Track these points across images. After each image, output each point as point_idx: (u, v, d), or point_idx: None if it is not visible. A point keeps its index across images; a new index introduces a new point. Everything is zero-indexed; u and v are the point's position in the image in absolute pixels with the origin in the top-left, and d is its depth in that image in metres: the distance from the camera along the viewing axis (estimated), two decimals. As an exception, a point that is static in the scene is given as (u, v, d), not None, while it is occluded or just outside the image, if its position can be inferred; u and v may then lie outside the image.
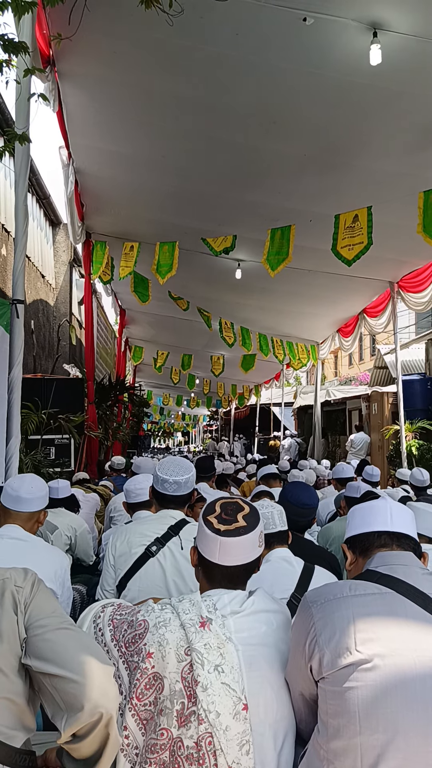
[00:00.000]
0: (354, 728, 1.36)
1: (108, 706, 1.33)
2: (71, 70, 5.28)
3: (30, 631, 1.36)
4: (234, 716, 1.46)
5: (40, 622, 1.37)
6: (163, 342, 16.04)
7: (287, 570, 2.26)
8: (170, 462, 2.69)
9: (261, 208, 7.05)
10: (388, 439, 11.28)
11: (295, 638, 1.53)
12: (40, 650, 1.34)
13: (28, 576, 1.44)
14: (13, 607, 1.37)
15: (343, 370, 29.92)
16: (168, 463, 2.68)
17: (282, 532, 2.37)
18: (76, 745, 1.35)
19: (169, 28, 3.79)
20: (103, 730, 1.33)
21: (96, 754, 1.37)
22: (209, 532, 1.64)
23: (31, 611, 1.38)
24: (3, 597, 1.38)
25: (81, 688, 1.30)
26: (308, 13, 4.13)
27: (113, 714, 1.34)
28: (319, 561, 2.55)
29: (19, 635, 1.36)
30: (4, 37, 3.67)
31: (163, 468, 2.65)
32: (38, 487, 2.56)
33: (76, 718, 1.30)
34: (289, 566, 2.28)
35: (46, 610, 1.40)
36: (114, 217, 8.48)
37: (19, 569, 1.46)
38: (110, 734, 1.35)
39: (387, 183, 6.11)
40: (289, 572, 2.26)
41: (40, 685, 1.36)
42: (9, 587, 1.39)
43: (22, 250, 4.35)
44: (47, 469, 6.20)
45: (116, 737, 1.37)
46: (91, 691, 1.31)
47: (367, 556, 1.62)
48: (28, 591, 1.41)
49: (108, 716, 1.33)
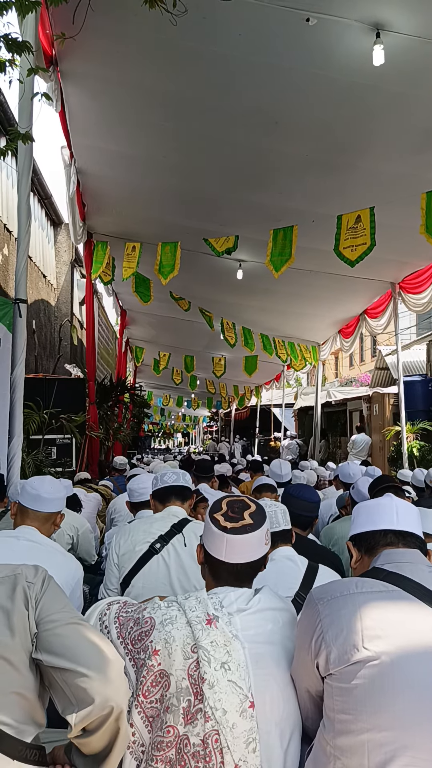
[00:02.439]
0: (361, 725, 1.36)
1: (119, 700, 1.34)
2: (74, 69, 5.28)
3: (41, 626, 1.37)
4: (240, 714, 1.46)
5: (51, 617, 1.38)
6: (164, 343, 16.04)
7: (291, 569, 2.26)
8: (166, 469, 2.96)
9: (263, 208, 7.05)
10: (389, 440, 11.29)
11: (301, 635, 1.54)
12: (51, 645, 1.35)
13: (38, 572, 1.46)
14: (24, 603, 1.38)
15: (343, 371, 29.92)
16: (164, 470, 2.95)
17: (286, 530, 2.37)
18: (86, 740, 1.35)
19: (171, 28, 3.79)
20: (114, 724, 1.34)
21: (106, 749, 1.37)
22: (216, 529, 1.64)
23: (41, 607, 1.39)
24: (14, 592, 1.39)
25: (92, 682, 1.31)
26: (311, 14, 4.13)
27: (124, 708, 1.35)
28: (322, 560, 2.55)
29: (30, 630, 1.36)
30: (7, 36, 3.68)
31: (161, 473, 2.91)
32: (57, 488, 2.56)
33: (87, 712, 1.31)
34: (293, 565, 2.28)
35: (57, 606, 1.41)
36: (115, 217, 8.48)
37: (30, 566, 1.47)
38: (120, 728, 1.36)
39: (389, 184, 6.11)
40: (293, 571, 2.26)
41: (50, 679, 1.37)
42: (21, 582, 1.41)
43: (24, 250, 4.35)
44: (49, 468, 6.20)
45: (126, 732, 1.38)
46: (102, 685, 1.32)
47: (373, 554, 1.62)
48: (39, 587, 1.42)
49: (119, 710, 1.33)
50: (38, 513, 2.48)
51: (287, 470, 5.66)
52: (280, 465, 5.72)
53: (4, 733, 1.31)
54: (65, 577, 2.42)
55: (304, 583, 2.18)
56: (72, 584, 2.47)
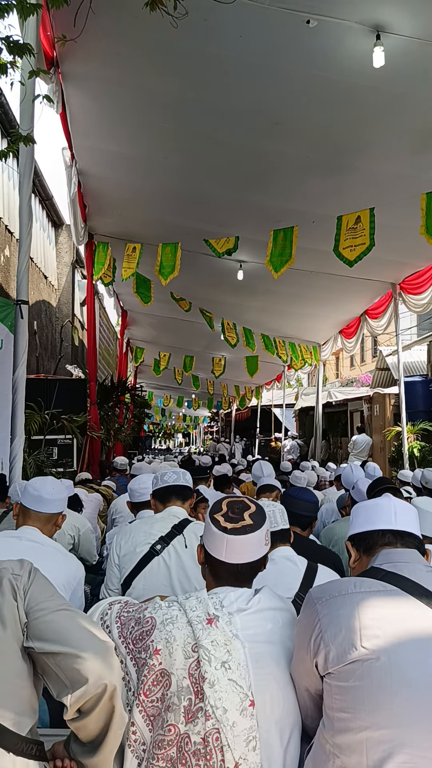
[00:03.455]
0: (360, 723, 1.37)
1: (111, 678, 1.36)
2: (75, 71, 5.30)
3: (30, 615, 1.40)
4: (241, 712, 1.48)
5: (40, 605, 1.41)
6: (165, 343, 16.06)
7: (291, 569, 2.28)
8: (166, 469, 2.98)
9: (263, 209, 7.07)
10: (390, 440, 11.29)
11: (300, 634, 1.55)
12: (42, 632, 1.38)
13: (24, 565, 1.48)
14: (12, 594, 1.41)
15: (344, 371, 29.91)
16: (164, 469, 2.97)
17: (284, 530, 2.38)
18: (82, 722, 1.37)
19: (172, 30, 3.81)
20: (108, 702, 1.36)
21: (102, 733, 1.39)
22: (216, 530, 1.65)
23: (30, 597, 1.42)
24: (1, 585, 1.41)
25: (84, 662, 1.34)
26: (312, 16, 4.15)
27: (117, 686, 1.37)
28: (322, 560, 2.57)
29: (20, 620, 1.39)
30: (9, 39, 3.69)
31: (161, 473, 2.92)
32: (59, 489, 2.58)
33: (82, 691, 1.33)
34: (292, 565, 2.29)
35: (45, 595, 1.44)
36: (116, 218, 8.51)
37: (15, 560, 1.50)
38: (115, 707, 1.38)
39: (389, 185, 6.13)
40: (292, 571, 2.27)
41: (43, 666, 1.39)
42: (6, 576, 1.43)
43: (26, 251, 4.37)
44: (50, 469, 6.21)
45: (121, 712, 1.40)
46: (94, 663, 1.34)
47: (371, 553, 1.64)
48: (26, 578, 1.45)
49: (112, 687, 1.36)
50: (40, 514, 2.50)
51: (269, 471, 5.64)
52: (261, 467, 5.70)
53: (2, 726, 1.33)
54: (67, 577, 2.44)
55: (303, 584, 2.20)
56: (73, 584, 2.49)
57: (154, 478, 2.95)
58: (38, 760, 1.38)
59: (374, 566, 1.57)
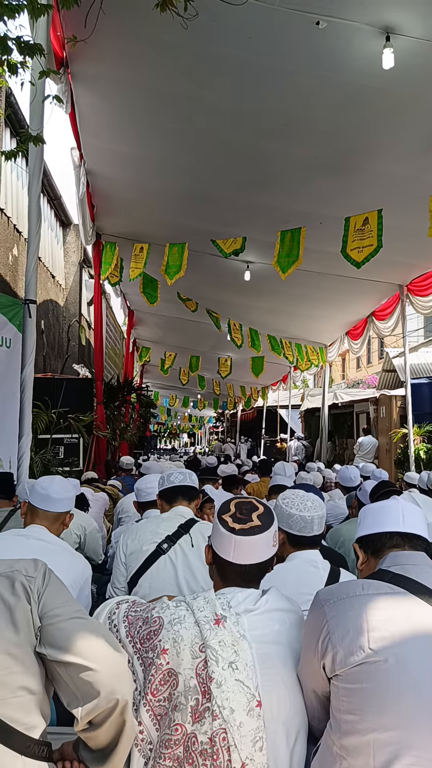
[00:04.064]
0: (367, 725, 1.37)
1: (123, 692, 1.35)
2: (84, 71, 5.32)
3: (44, 620, 1.38)
4: (248, 713, 1.48)
5: (54, 611, 1.39)
6: (171, 343, 16.08)
7: (313, 573, 2.26)
8: (173, 469, 3.00)
9: (271, 210, 7.07)
10: (396, 442, 11.26)
11: (308, 636, 1.55)
12: (55, 639, 1.36)
13: (38, 566, 1.45)
14: (26, 597, 1.38)
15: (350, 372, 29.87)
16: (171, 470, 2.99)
17: (316, 536, 2.35)
18: (92, 733, 1.36)
19: (181, 30, 3.81)
20: (119, 716, 1.35)
21: (112, 743, 1.39)
22: (224, 530, 1.65)
23: (44, 601, 1.40)
24: (14, 587, 1.38)
25: (96, 675, 1.32)
26: (321, 17, 4.15)
27: (129, 700, 1.36)
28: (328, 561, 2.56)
29: (34, 625, 1.37)
30: (20, 39, 3.71)
31: (167, 473, 2.93)
32: (67, 488, 2.57)
33: (93, 705, 1.32)
34: (315, 570, 2.27)
35: (59, 600, 1.42)
36: (124, 219, 8.52)
37: (29, 560, 1.47)
38: (126, 721, 1.37)
39: (398, 186, 6.12)
40: (313, 575, 2.25)
41: (54, 674, 1.38)
42: (18, 578, 1.40)
43: (34, 251, 4.38)
44: (56, 468, 6.24)
45: (132, 724, 1.39)
46: (107, 677, 1.33)
47: (379, 556, 1.64)
48: (41, 581, 1.42)
49: (123, 702, 1.34)
50: (48, 513, 2.50)
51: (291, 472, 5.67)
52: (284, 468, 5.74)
53: (13, 728, 1.32)
54: (74, 576, 2.44)
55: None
56: (80, 583, 2.49)
57: (161, 478, 2.96)
58: (46, 762, 1.38)
59: (382, 568, 1.57)
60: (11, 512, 3.36)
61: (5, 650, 1.33)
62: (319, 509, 2.36)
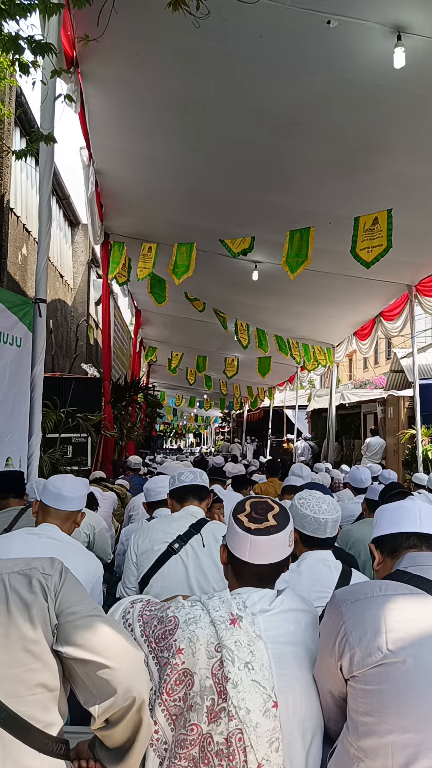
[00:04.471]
0: (385, 727, 1.36)
1: (140, 690, 1.35)
2: (94, 71, 5.32)
3: (61, 617, 1.38)
4: (264, 713, 1.47)
5: (71, 609, 1.39)
6: (178, 343, 16.08)
7: (325, 573, 2.26)
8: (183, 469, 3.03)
9: (280, 209, 7.05)
10: (404, 443, 11.23)
11: (325, 637, 1.54)
12: (72, 636, 1.36)
13: (55, 564, 1.46)
14: (43, 595, 1.38)
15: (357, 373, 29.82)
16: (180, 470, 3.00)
17: (329, 538, 2.35)
18: (109, 732, 1.36)
19: (192, 30, 3.81)
20: (136, 715, 1.35)
21: (129, 741, 1.39)
22: (240, 530, 1.65)
23: (61, 598, 1.40)
24: (31, 585, 1.39)
25: (113, 672, 1.32)
26: (332, 16, 4.13)
27: (145, 698, 1.36)
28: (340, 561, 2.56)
29: (51, 622, 1.37)
30: (31, 38, 3.71)
31: (178, 472, 2.94)
32: (79, 487, 2.58)
33: (110, 703, 1.32)
34: (327, 569, 2.27)
35: (76, 597, 1.42)
36: (133, 218, 8.53)
37: (45, 558, 1.47)
38: (143, 719, 1.37)
39: (408, 186, 6.09)
40: (327, 575, 2.25)
41: (71, 671, 1.38)
42: (36, 576, 1.40)
43: (45, 251, 4.40)
44: (65, 467, 6.25)
45: (149, 723, 1.38)
46: (124, 675, 1.33)
47: (396, 556, 1.63)
48: (57, 578, 1.42)
49: (140, 700, 1.34)
50: (59, 511, 2.50)
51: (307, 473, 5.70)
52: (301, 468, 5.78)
53: (31, 725, 1.32)
54: (86, 575, 2.44)
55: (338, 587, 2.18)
56: (92, 582, 2.49)
57: (171, 477, 2.96)
58: (64, 759, 1.38)
59: (399, 569, 1.56)
60: (22, 511, 3.36)
61: (23, 647, 1.33)
62: (334, 513, 2.37)
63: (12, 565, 1.42)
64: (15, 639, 1.33)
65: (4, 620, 1.34)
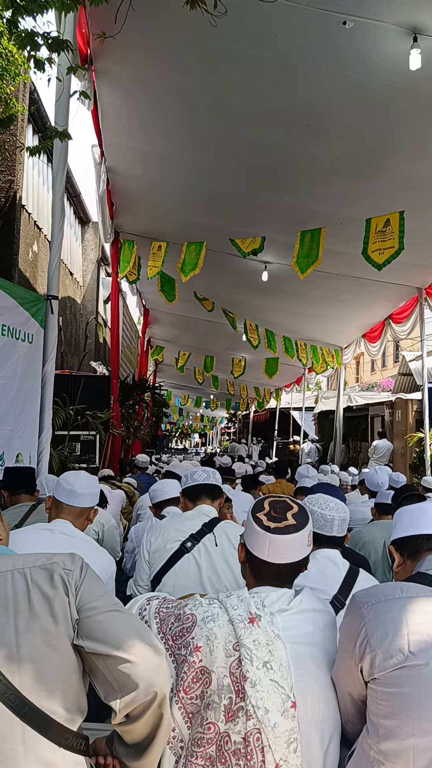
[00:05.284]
0: (407, 730, 1.35)
1: (162, 685, 1.34)
2: (108, 69, 5.32)
3: (82, 612, 1.38)
4: (282, 713, 1.46)
5: (92, 603, 1.39)
6: (185, 343, 16.09)
7: (332, 570, 2.26)
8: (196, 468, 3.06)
9: (291, 210, 7.03)
10: (412, 446, 11.19)
11: (345, 639, 1.53)
12: (93, 631, 1.36)
13: (75, 559, 1.46)
14: (64, 589, 1.38)
15: (365, 375, 29.75)
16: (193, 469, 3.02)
17: (336, 537, 2.34)
18: (129, 727, 1.36)
19: (207, 28, 3.80)
20: (157, 710, 1.35)
21: (149, 737, 1.38)
22: (259, 529, 1.64)
23: (82, 593, 1.40)
24: (53, 580, 1.39)
25: (135, 667, 1.32)
26: (348, 17, 4.12)
27: (167, 693, 1.35)
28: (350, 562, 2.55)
29: (71, 617, 1.37)
30: (47, 35, 3.72)
31: (191, 471, 2.93)
32: (92, 483, 2.58)
33: (132, 697, 1.31)
34: (334, 567, 2.27)
35: (97, 593, 1.42)
36: (143, 217, 8.52)
37: (66, 554, 1.47)
38: (164, 715, 1.36)
39: (420, 188, 6.07)
40: (333, 573, 2.25)
41: (91, 666, 1.37)
42: (57, 570, 1.41)
43: (57, 248, 4.40)
44: (73, 464, 6.25)
45: (169, 719, 1.38)
46: (145, 670, 1.32)
47: (416, 558, 1.62)
48: (78, 574, 1.42)
49: (162, 695, 1.34)
50: (72, 508, 2.50)
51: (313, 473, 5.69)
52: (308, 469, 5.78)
53: (54, 720, 1.32)
54: (99, 571, 2.41)
55: (343, 586, 2.17)
56: (105, 578, 2.48)
57: (184, 476, 2.95)
58: (83, 755, 1.38)
59: (421, 571, 1.55)
60: (33, 506, 3.37)
61: (45, 642, 1.33)
62: (341, 512, 2.38)
63: (33, 560, 1.42)
64: (37, 633, 1.33)
65: (26, 614, 1.34)
